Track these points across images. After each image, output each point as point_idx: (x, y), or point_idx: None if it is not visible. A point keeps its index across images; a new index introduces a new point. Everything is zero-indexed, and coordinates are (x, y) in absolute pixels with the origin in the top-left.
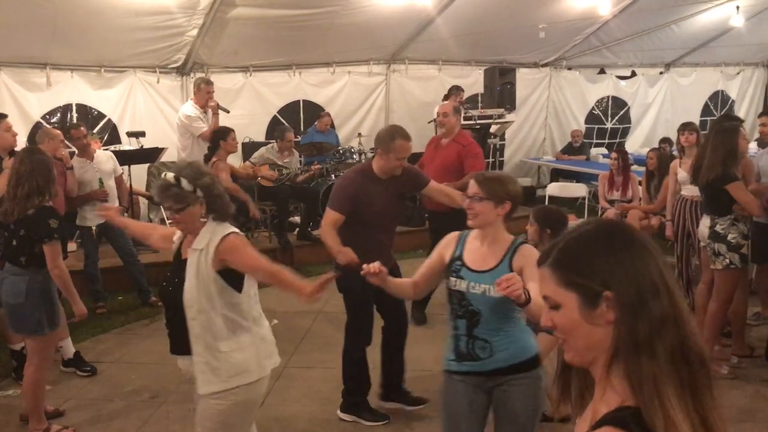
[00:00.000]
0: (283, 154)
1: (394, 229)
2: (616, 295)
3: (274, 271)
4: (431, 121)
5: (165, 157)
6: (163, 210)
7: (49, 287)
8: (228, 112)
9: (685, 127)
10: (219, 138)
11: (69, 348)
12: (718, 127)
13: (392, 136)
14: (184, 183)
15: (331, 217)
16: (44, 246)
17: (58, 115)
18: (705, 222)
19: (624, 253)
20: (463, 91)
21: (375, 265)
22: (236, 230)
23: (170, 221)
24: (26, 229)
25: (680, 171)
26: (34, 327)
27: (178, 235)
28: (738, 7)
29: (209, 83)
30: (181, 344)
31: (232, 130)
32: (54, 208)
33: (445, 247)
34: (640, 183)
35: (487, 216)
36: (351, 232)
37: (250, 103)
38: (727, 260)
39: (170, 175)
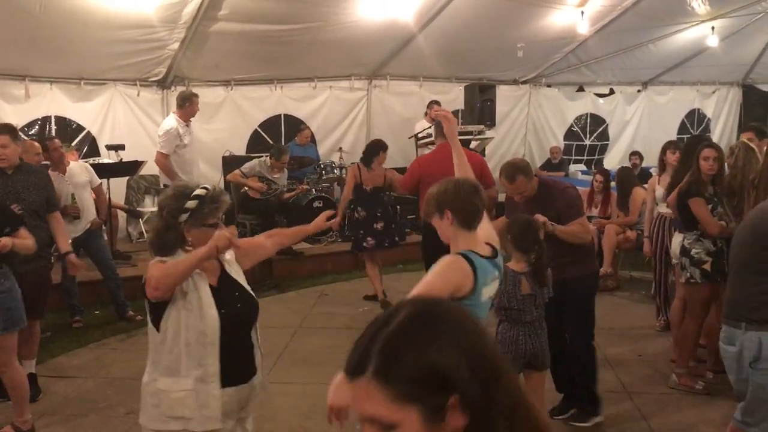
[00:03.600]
0: (274, 170)
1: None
2: (461, 396)
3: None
4: (411, 136)
5: (144, 171)
6: (142, 224)
7: None
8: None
9: (669, 145)
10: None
11: (29, 368)
12: (688, 146)
13: None
14: None
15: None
16: None
17: (37, 127)
18: (677, 238)
19: (458, 340)
20: (439, 104)
21: None
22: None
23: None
24: None
25: (658, 188)
26: None
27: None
28: (713, 28)
29: (197, 95)
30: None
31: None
32: None
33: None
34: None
35: (443, 231)
36: None
37: (231, 117)
38: (689, 274)
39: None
